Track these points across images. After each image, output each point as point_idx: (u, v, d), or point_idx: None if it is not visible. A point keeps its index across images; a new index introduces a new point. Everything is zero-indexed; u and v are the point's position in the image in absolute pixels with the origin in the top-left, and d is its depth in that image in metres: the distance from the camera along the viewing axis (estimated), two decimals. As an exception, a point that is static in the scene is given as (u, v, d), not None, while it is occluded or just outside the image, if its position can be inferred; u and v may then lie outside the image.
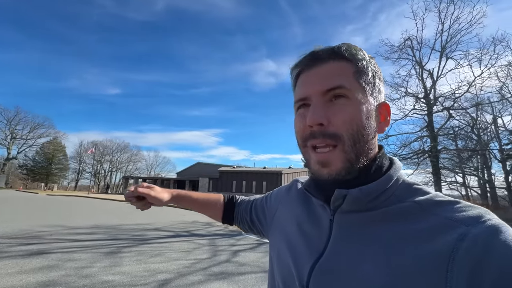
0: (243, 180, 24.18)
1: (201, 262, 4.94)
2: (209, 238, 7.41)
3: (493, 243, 0.32)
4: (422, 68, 16.29)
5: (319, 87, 0.44)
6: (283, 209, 0.61)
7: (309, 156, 0.46)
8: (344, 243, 0.43)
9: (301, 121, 0.46)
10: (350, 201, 0.42)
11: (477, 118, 18.10)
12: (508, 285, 0.30)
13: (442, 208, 0.39)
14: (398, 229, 0.39)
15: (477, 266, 0.31)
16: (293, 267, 0.48)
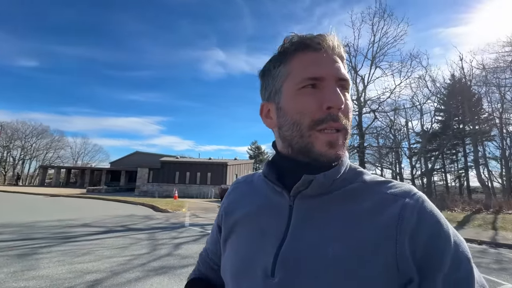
0: (187, 171, 23.30)
1: (139, 257, 4.62)
2: (148, 232, 6.96)
3: (422, 212, 0.40)
4: (356, 73, 18.34)
5: (336, 73, 0.45)
6: (229, 214, 0.57)
7: (314, 137, 0.44)
8: (304, 227, 0.44)
9: (313, 102, 0.44)
10: (315, 186, 0.44)
11: (394, 120, 21.47)
12: (433, 243, 0.38)
13: (384, 186, 0.45)
14: (352, 207, 0.43)
15: (413, 232, 0.38)
16: (255, 256, 0.47)
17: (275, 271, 0.43)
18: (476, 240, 7.31)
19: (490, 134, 21.26)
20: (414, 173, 21.61)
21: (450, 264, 0.37)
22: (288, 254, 0.43)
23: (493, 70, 15.64)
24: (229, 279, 0.51)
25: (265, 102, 0.53)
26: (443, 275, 0.37)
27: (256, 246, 0.48)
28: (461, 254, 0.38)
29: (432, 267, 0.37)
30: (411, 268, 0.37)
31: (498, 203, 13.58)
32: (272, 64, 0.50)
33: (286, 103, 0.47)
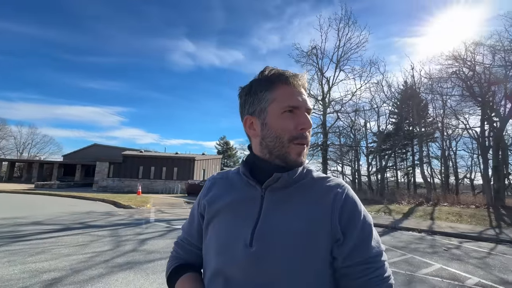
0: (152, 165, 22.32)
1: (102, 254, 4.49)
2: (110, 228, 6.68)
3: (346, 197, 0.62)
4: (322, 75, 19.29)
5: (306, 104, 0.64)
6: (209, 203, 0.69)
7: (291, 149, 0.63)
8: (273, 211, 0.62)
9: (292, 123, 0.62)
10: (282, 181, 0.62)
11: (354, 121, 23.08)
12: (352, 216, 0.60)
13: (324, 180, 0.66)
14: (304, 196, 0.63)
15: (341, 209, 0.60)
16: (237, 234, 0.61)
17: (253, 243, 0.58)
18: (417, 229, 8.39)
19: (434, 136, 24.06)
20: (370, 170, 23.56)
21: (360, 227, 0.60)
22: (262, 230, 0.59)
23: (438, 80, 17.74)
24: (213, 254, 0.63)
25: (249, 115, 0.68)
26: (356, 232, 0.59)
27: (237, 226, 0.62)
28: (366, 221, 0.61)
29: (350, 229, 0.59)
30: (339, 231, 0.58)
31: (437, 197, 15.58)
32: (258, 88, 0.66)
33: (271, 121, 0.64)
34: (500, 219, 10.11)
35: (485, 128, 16.30)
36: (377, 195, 17.97)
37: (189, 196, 17.44)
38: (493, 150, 14.66)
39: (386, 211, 12.21)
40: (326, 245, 0.58)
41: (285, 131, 0.63)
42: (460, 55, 15.52)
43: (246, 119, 0.69)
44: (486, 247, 6.45)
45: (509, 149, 16.18)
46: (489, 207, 12.16)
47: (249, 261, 0.58)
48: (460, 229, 8.44)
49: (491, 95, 15.84)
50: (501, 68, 14.60)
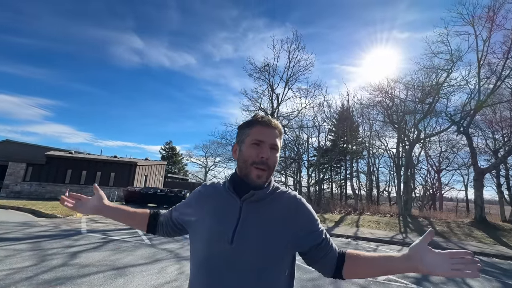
0: (84, 169, 19.73)
1: (23, 271, 3.93)
2: (29, 241, 5.78)
3: (300, 205, 0.91)
4: (273, 91, 20.51)
5: (270, 141, 0.89)
6: (200, 204, 0.95)
7: (251, 170, 0.86)
8: (248, 216, 0.85)
9: (255, 152, 0.87)
10: (256, 197, 0.87)
11: (299, 136, 25.04)
12: (308, 220, 0.90)
13: (285, 194, 0.93)
14: (272, 207, 0.88)
15: (297, 214, 0.89)
16: (219, 234, 0.84)
17: (233, 240, 0.81)
18: (344, 235, 9.60)
19: (362, 154, 27.86)
20: (310, 182, 25.69)
21: (315, 226, 0.89)
22: (240, 230, 0.82)
23: (366, 106, 20.90)
24: (200, 246, 0.87)
25: (236, 143, 0.96)
26: (314, 230, 0.88)
27: (221, 225, 0.85)
28: (317, 221, 0.91)
29: (309, 229, 0.88)
30: (298, 226, 0.86)
31: (362, 207, 17.96)
32: (244, 126, 0.94)
33: (244, 149, 0.90)
34: (407, 226, 12.31)
35: (400, 149, 19.73)
36: (314, 204, 19.68)
37: (127, 205, 16.00)
38: (404, 168, 17.81)
39: (321, 219, 13.49)
40: (289, 239, 0.85)
41: (249, 157, 0.87)
42: (383, 88, 18.66)
43: (234, 146, 0.98)
44: (395, 249, 7.85)
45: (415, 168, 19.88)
46: (399, 216, 14.64)
47: (229, 255, 0.81)
48: (378, 235, 10.00)
49: (404, 123, 19.36)
50: (412, 102, 18.08)
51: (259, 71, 19.75)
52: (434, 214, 16.56)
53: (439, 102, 16.64)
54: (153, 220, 1.08)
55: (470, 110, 14.88)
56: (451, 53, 15.25)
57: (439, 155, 27.20)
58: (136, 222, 1.09)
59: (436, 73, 16.33)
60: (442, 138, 23.74)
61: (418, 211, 19.01)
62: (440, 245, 8.57)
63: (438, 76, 16.26)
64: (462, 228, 11.83)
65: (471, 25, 14.46)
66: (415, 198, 22.66)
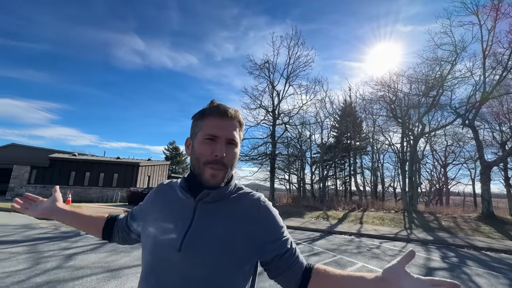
0: (87, 171, 19.89)
1: (15, 274, 3.88)
2: (27, 244, 5.77)
3: (265, 209, 0.78)
4: (273, 88, 20.34)
5: (226, 135, 0.75)
6: (153, 206, 0.83)
7: (204, 170, 0.74)
8: (202, 220, 0.73)
9: (209, 149, 0.73)
10: (211, 197, 0.75)
11: (301, 133, 24.81)
12: (269, 224, 0.76)
13: (248, 195, 0.80)
14: (231, 208, 0.76)
15: (259, 219, 0.75)
16: (167, 240, 0.72)
17: (182, 247, 0.69)
18: (348, 232, 9.43)
19: (366, 150, 27.50)
20: (313, 179, 25.47)
21: (279, 233, 0.76)
22: (191, 236, 0.71)
23: (369, 101, 20.55)
24: (146, 253, 0.76)
25: (188, 137, 0.82)
26: (277, 239, 0.75)
27: (170, 230, 0.73)
28: (282, 229, 0.78)
29: (272, 237, 0.75)
30: (260, 232, 0.73)
31: (367, 203, 17.72)
32: (197, 116, 0.79)
33: (196, 145, 0.76)
34: (412, 221, 12.08)
35: (404, 144, 19.41)
36: (318, 202, 19.50)
37: (130, 205, 16.09)
38: (409, 163, 17.49)
39: (324, 217, 13.36)
40: (247, 247, 0.72)
41: (202, 155, 0.74)
42: (386, 82, 18.31)
43: (186, 140, 0.84)
44: (399, 246, 7.66)
45: (420, 162, 19.53)
46: (404, 212, 14.39)
47: (177, 264, 0.69)
48: (382, 231, 9.80)
49: (408, 118, 19.01)
50: (415, 96, 17.72)
51: (259, 68, 19.61)
52: (440, 209, 16.24)
53: (444, 95, 16.23)
54: (109, 225, 0.97)
55: (476, 102, 14.50)
56: (454, 44, 14.86)
57: (445, 149, 26.74)
58: (91, 227, 0.97)
59: (439, 65, 15.95)
60: (447, 131, 23.31)
61: (424, 207, 18.71)
62: (446, 241, 8.35)
63: (442, 68, 15.88)
64: (469, 223, 11.56)
65: (475, 14, 14.04)
66: (420, 194, 22.33)
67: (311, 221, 12.17)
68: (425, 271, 5.14)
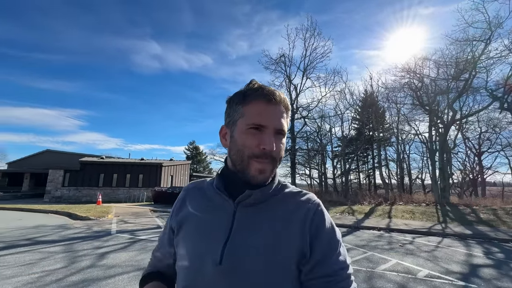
0: (115, 173, 20.84)
1: (53, 273, 4.06)
2: (63, 244, 6.08)
3: (317, 213, 0.63)
4: (290, 82, 19.97)
5: (274, 125, 0.62)
6: (182, 216, 0.70)
7: (250, 164, 0.62)
8: (244, 227, 0.61)
9: (254, 140, 0.61)
10: (253, 198, 0.63)
11: (321, 126, 24.20)
12: (319, 228, 0.61)
13: (296, 196, 0.67)
14: (276, 212, 0.63)
15: (312, 223, 0.61)
16: (205, 250, 0.61)
17: (223, 260, 0.58)
18: (376, 227, 9.02)
19: (390, 141, 26.30)
20: (335, 173, 24.82)
21: (326, 243, 0.60)
22: (232, 247, 0.59)
23: (392, 90, 19.51)
24: (182, 269, 0.63)
25: (224, 126, 0.69)
26: (322, 247, 0.59)
27: (206, 241, 0.62)
28: (333, 237, 0.62)
29: (316, 244, 0.60)
30: (307, 247, 0.59)
31: (394, 196, 16.94)
32: (235, 100, 0.66)
33: (237, 135, 0.64)
34: (446, 215, 11.33)
35: (432, 133, 18.24)
36: (341, 196, 18.97)
37: (156, 204, 16.62)
38: (439, 153, 16.43)
39: (349, 211, 12.93)
40: (294, 259, 0.59)
41: (246, 147, 0.62)
42: (411, 68, 17.26)
43: (221, 128, 0.70)
44: (434, 241, 7.17)
45: (451, 152, 18.28)
46: (436, 205, 13.56)
47: (218, 279, 0.57)
48: (413, 226, 9.27)
49: (437, 104, 17.82)
50: (444, 81, 16.54)
51: (275, 62, 19.30)
52: (476, 201, 15.11)
53: (477, 77, 15.01)
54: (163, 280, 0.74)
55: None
56: (488, 21, 13.62)
57: (479, 137, 24.77)
58: None
59: (471, 46, 14.71)
60: (481, 117, 21.55)
61: (457, 199, 17.52)
62: (487, 235, 7.70)
63: (474, 49, 14.64)
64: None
65: (511, -14, 12.75)
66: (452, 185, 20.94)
67: (335, 216, 11.82)
68: (468, 268, 4.73)
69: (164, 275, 0.74)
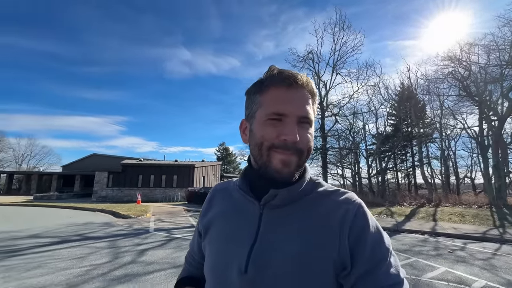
0: (152, 174, 22.24)
1: (99, 267, 4.39)
2: (108, 240, 6.58)
3: (358, 214, 0.54)
4: (319, 79, 19.39)
5: (296, 111, 0.53)
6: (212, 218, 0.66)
7: (272, 156, 0.54)
8: (271, 231, 0.55)
9: (274, 131, 0.53)
10: (280, 199, 0.55)
11: (353, 123, 23.12)
12: (363, 239, 0.51)
13: (332, 195, 0.58)
14: (309, 214, 0.55)
15: (353, 228, 0.52)
16: (231, 257, 0.56)
17: (248, 268, 0.52)
18: (420, 231, 8.29)
19: (432, 137, 24.09)
20: (370, 172, 23.48)
21: (370, 251, 0.50)
22: (258, 253, 0.53)
23: (434, 81, 17.86)
24: (209, 275, 0.60)
25: (244, 119, 0.62)
26: (366, 257, 0.50)
27: (231, 247, 0.57)
28: (381, 244, 0.52)
29: (359, 253, 0.50)
30: (347, 256, 0.50)
31: (438, 197, 15.48)
32: (253, 90, 0.59)
33: (255, 128, 0.57)
34: (503, 218, 10.02)
35: (484, 127, 16.32)
36: (378, 197, 17.88)
37: (189, 204, 17.30)
38: (492, 149, 14.64)
39: (388, 213, 12.11)
40: (331, 272, 0.51)
41: (265, 139, 0.54)
42: (455, 56, 15.65)
43: (241, 123, 0.64)
44: (491, 248, 6.35)
45: (508, 147, 16.17)
46: (491, 207, 12.07)
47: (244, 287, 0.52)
48: (464, 230, 8.34)
49: (488, 94, 15.91)
50: (496, 67, 14.70)
51: (302, 60, 18.92)
52: (542, 202, 13.15)
53: (538, 62, 13.06)
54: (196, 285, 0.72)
55: None
56: (552, -4, 11.78)
57: (542, 129, 21.58)
58: None
59: (530, 26, 12.86)
60: (545, 107, 18.72)
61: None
62: (559, 243, 6.62)
63: (534, 29, 12.78)
64: None
65: None
66: (510, 184, 18.48)
67: (372, 218, 11.16)
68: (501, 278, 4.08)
69: (197, 280, 0.73)
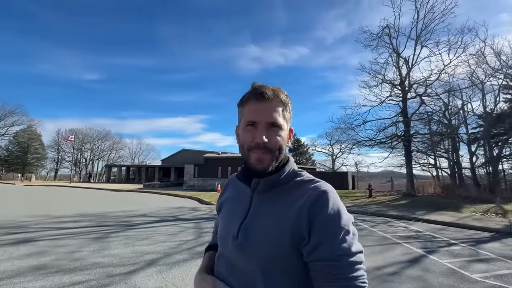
0: (229, 166, 24.46)
1: (187, 243, 5.31)
2: (194, 221, 7.78)
3: (320, 197, 0.64)
4: (399, 56, 16.85)
5: (265, 119, 0.70)
6: (222, 200, 0.89)
7: (250, 156, 0.71)
8: (257, 210, 0.72)
9: (249, 136, 0.70)
10: (261, 186, 0.72)
11: (448, 103, 19.20)
12: (318, 213, 0.62)
13: (305, 184, 0.71)
14: (284, 199, 0.69)
15: (312, 207, 0.63)
16: (228, 228, 0.76)
17: (238, 235, 0.71)
18: (546, 236, 6.42)
19: None
20: (475, 161, 19.12)
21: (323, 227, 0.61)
22: (246, 226, 0.71)
23: None
24: (218, 242, 0.81)
25: (236, 126, 0.80)
26: (319, 231, 0.61)
27: (230, 221, 0.77)
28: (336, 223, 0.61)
29: (314, 229, 0.61)
30: (305, 231, 0.62)
31: None
32: (239, 104, 0.77)
33: (240, 133, 0.75)
34: None
35: None
36: (485, 191, 14.48)
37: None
38: None
39: (497, 211, 9.77)
40: (285, 240, 0.64)
41: (245, 142, 0.72)
42: None
43: (236, 129, 0.82)
44: None
45: None
46: None
47: (235, 250, 0.71)
48: None
49: None
50: None
51: (376, 37, 16.84)
52: None
53: None
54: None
55: None
56: None
57: None
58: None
59: None
60: None
61: None
62: None
63: None
64: None
65: None
66: None
67: (473, 216, 9.22)
68: None
69: (217, 246, 0.95)
